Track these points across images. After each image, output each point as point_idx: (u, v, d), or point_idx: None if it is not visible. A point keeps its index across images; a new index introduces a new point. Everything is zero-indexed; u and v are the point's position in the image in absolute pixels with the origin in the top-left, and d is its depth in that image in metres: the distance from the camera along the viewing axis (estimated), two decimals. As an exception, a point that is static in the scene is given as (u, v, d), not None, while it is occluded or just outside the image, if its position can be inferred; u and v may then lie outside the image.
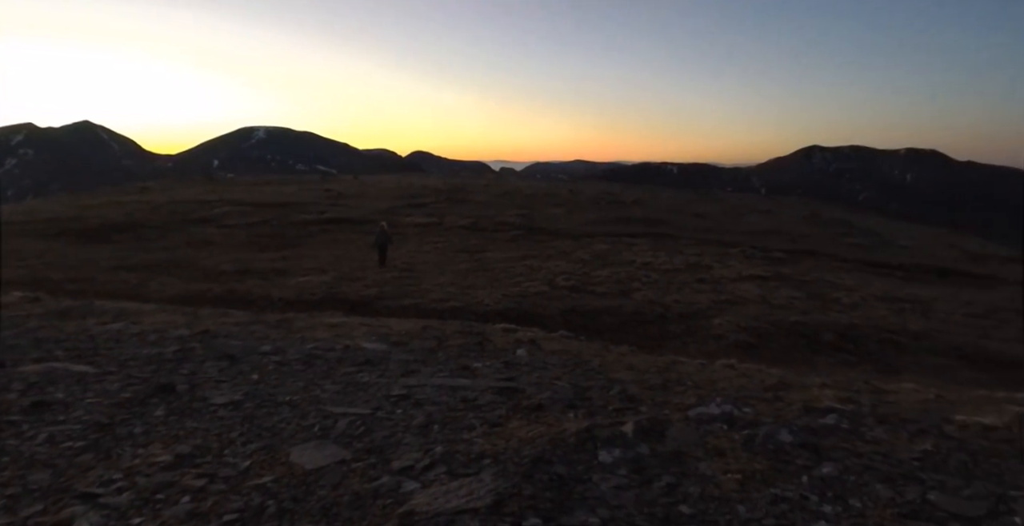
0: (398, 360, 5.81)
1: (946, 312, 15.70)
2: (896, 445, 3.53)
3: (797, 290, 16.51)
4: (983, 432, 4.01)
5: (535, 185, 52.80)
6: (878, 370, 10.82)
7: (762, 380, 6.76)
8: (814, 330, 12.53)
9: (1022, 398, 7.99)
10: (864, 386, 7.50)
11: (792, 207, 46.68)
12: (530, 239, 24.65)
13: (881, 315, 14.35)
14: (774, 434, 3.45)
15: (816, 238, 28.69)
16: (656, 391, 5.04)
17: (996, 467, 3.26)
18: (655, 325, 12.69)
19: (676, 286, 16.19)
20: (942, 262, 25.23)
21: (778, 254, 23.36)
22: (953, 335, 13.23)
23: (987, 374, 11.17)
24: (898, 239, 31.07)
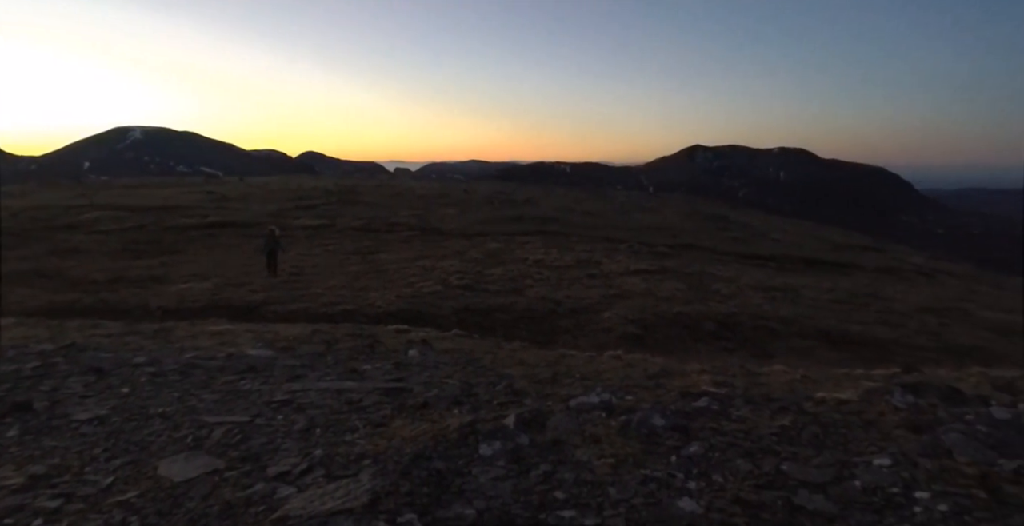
0: (284, 366, 5.67)
1: (813, 298, 16.93)
2: (759, 423, 3.78)
3: (680, 282, 17.30)
4: (837, 406, 4.35)
5: (429, 185, 52.56)
6: (753, 355, 11.53)
7: (645, 369, 7.05)
8: (696, 320, 13.20)
9: (877, 374, 8.74)
10: (739, 370, 7.96)
11: (677, 204, 48.83)
12: (424, 239, 24.53)
13: (756, 303, 15.28)
14: (648, 419, 3.63)
15: (698, 233, 30.21)
16: (544, 384, 5.16)
17: (844, 437, 3.56)
18: (547, 320, 12.96)
19: (567, 282, 16.58)
20: (809, 253, 27.21)
21: (663, 249, 24.40)
22: (819, 319, 14.30)
23: (848, 353, 12.14)
24: (771, 232, 33.18)
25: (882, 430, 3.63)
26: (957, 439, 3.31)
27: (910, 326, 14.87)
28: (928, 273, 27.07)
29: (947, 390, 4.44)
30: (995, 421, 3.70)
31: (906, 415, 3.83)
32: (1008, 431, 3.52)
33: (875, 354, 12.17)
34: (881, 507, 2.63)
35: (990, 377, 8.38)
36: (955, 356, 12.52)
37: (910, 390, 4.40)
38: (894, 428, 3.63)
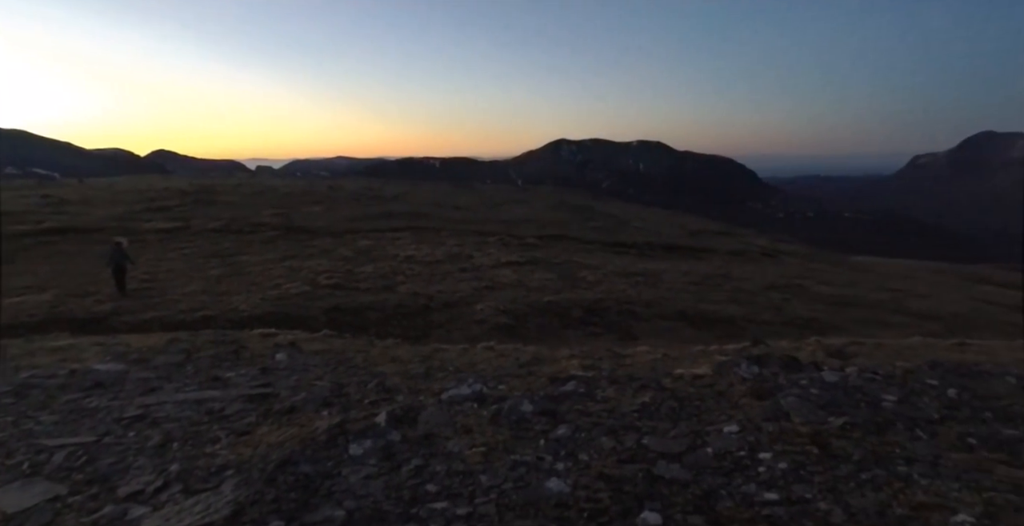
0: (137, 379, 5.29)
1: (672, 281, 17.94)
2: (622, 401, 3.98)
3: (549, 272, 17.77)
4: (693, 381, 4.64)
5: (293, 183, 50.55)
6: (620, 338, 12.07)
7: (517, 358, 7.21)
8: (565, 307, 13.62)
9: (729, 349, 9.40)
10: (606, 353, 8.32)
11: (544, 196, 49.97)
12: (289, 239, 23.60)
13: (620, 289, 15.98)
14: (518, 406, 3.72)
15: (565, 224, 31.15)
16: (417, 379, 5.15)
17: (698, 409, 3.81)
18: (420, 316, 12.89)
19: (439, 277, 16.57)
20: (668, 239, 28.84)
21: (532, 240, 24.94)
22: (678, 301, 15.18)
23: (705, 331, 12.98)
24: (633, 221, 34.79)
25: (731, 400, 3.93)
26: (794, 403, 3.65)
27: (758, 303, 16.11)
28: (771, 254, 29.45)
29: (787, 359, 4.86)
30: (826, 384, 4.11)
31: (752, 384, 4.16)
32: (836, 392, 3.92)
33: (728, 330, 13.09)
34: (730, 470, 2.85)
35: (824, 345, 9.26)
36: (796, 328, 13.73)
37: (755, 362, 4.78)
38: (741, 397, 3.93)
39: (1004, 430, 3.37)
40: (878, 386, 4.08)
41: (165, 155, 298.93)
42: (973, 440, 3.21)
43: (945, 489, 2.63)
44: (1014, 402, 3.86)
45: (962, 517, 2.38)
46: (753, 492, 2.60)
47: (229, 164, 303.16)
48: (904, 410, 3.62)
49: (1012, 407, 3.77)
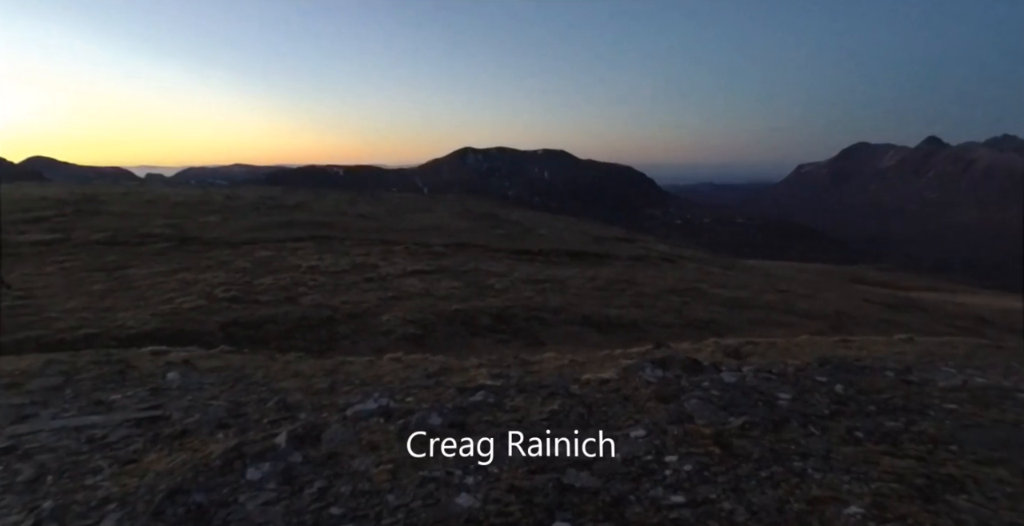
0: (7, 406, 4.83)
1: (577, 287, 18.25)
2: (531, 410, 3.97)
3: (457, 280, 17.69)
4: (600, 386, 4.69)
5: (187, 192, 48.09)
6: (528, 344, 12.14)
7: (425, 368, 7.10)
8: (472, 316, 13.58)
9: (633, 352, 9.62)
10: (514, 361, 8.32)
11: (450, 204, 49.84)
12: (182, 251, 22.41)
13: (527, 296, 16.10)
14: (425, 419, 3.63)
15: (471, 232, 31.17)
16: (321, 395, 4.96)
17: (605, 414, 3.85)
18: (324, 328, 12.51)
19: (344, 287, 16.17)
20: (573, 246, 29.35)
21: (438, 248, 24.77)
22: (583, 306, 15.45)
23: (610, 335, 13.26)
24: (538, 228, 35.22)
25: (637, 404, 3.99)
26: (697, 405, 3.75)
27: (658, 306, 16.62)
28: (671, 259, 30.51)
29: (688, 361, 5.00)
30: (725, 385, 4.25)
31: (656, 388, 4.25)
32: (735, 393, 4.06)
33: (632, 334, 13.42)
34: (638, 475, 2.88)
35: (722, 346, 9.62)
36: (695, 329, 14.25)
37: (659, 365, 4.90)
38: (647, 401, 4.00)
39: (887, 422, 3.58)
40: (773, 385, 4.27)
41: (43, 162, 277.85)
42: (860, 434, 3.39)
43: (837, 482, 2.76)
44: (894, 395, 4.12)
45: (853, 509, 2.50)
46: (660, 496, 2.64)
47: (115, 171, 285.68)
48: (798, 407, 3.79)
49: (893, 400, 4.03)
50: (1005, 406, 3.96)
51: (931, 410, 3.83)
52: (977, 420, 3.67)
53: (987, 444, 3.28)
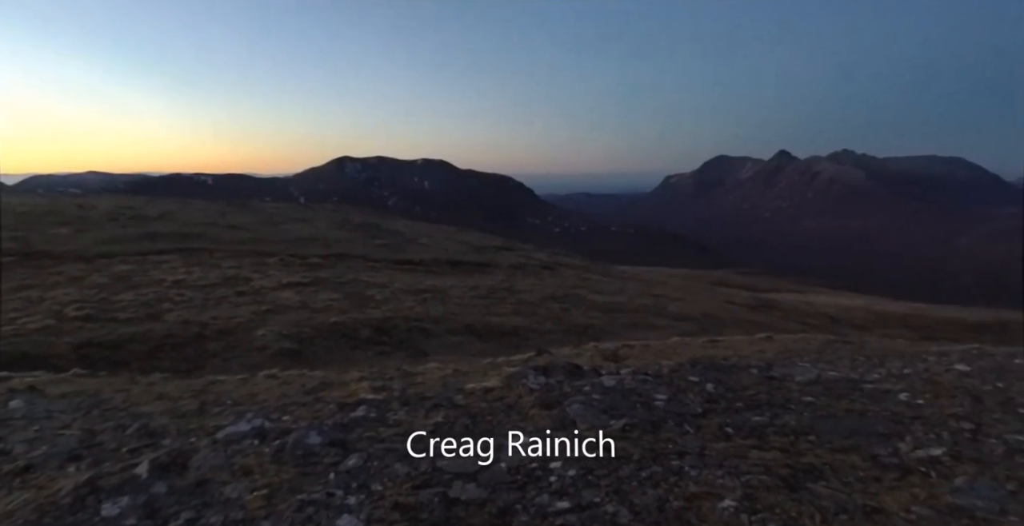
0: None
1: (459, 296, 18.25)
2: (415, 423, 3.89)
3: (335, 292, 17.20)
4: (484, 395, 4.68)
5: (32, 201, 43.83)
6: (410, 355, 11.97)
7: (304, 384, 6.82)
8: (353, 328, 13.23)
9: (516, 360, 9.71)
10: (397, 373, 8.16)
11: (328, 214, 48.47)
12: (27, 266, 20.37)
13: (409, 306, 15.91)
14: (304, 439, 3.47)
15: (349, 242, 30.43)
16: (188, 418, 4.63)
17: (490, 423, 3.84)
18: (192, 346, 11.76)
19: (214, 302, 15.29)
20: (453, 255, 29.35)
21: (315, 259, 24.00)
22: (466, 315, 15.46)
23: (493, 344, 13.33)
24: (419, 238, 34.96)
25: (521, 411, 4.01)
26: (578, 409, 3.82)
27: (540, 313, 16.92)
28: (550, 267, 31.16)
29: (570, 367, 5.10)
30: (605, 389, 4.36)
31: (540, 395, 4.29)
32: (615, 396, 4.17)
33: (514, 341, 13.58)
34: (524, 483, 2.88)
35: (600, 349, 9.90)
36: (575, 335, 14.60)
37: (542, 372, 4.96)
38: (530, 408, 4.03)
39: (753, 417, 3.80)
40: (650, 386, 4.42)
41: None
42: (730, 429, 3.58)
43: (712, 478, 2.88)
44: (759, 391, 4.39)
45: (727, 502, 2.62)
46: (546, 503, 2.65)
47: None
48: (673, 407, 3.95)
49: (758, 396, 4.28)
50: (854, 397, 4.31)
51: (791, 404, 4.11)
52: (831, 411, 3.97)
53: (840, 433, 3.55)
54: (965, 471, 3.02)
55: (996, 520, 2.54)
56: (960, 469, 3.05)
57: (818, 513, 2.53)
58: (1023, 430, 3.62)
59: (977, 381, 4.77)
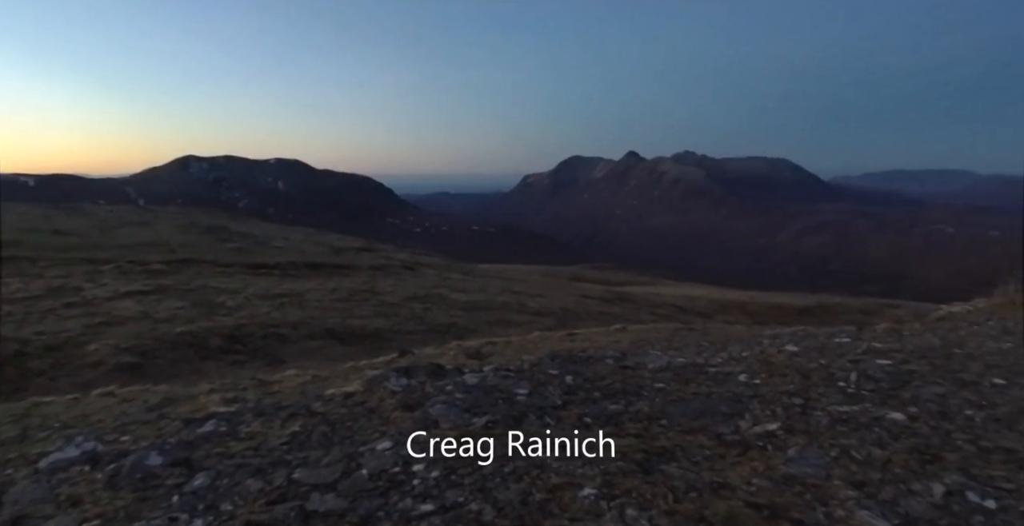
0: None
1: (318, 300, 17.63)
2: (269, 435, 3.69)
3: (181, 300, 16.05)
4: (344, 401, 4.53)
5: None
6: (266, 364, 11.42)
7: (146, 401, 6.31)
8: (202, 337, 12.41)
9: (379, 362, 9.52)
10: (251, 382, 7.75)
11: (171, 217, 45.13)
12: None
13: (264, 312, 15.17)
14: (142, 460, 3.20)
15: (196, 246, 28.50)
16: (8, 446, 4.13)
17: (351, 430, 3.72)
18: (12, 365, 10.52)
19: (37, 316, 13.76)
20: (312, 257, 28.29)
21: (158, 266, 22.26)
22: (325, 319, 14.97)
23: (355, 347, 13.01)
24: (274, 241, 33.40)
25: (383, 415, 3.92)
26: (441, 409, 3.79)
27: (402, 314, 16.72)
28: (411, 267, 30.88)
29: (432, 367, 5.05)
30: (468, 387, 4.36)
31: (401, 397, 4.22)
32: (478, 393, 4.18)
33: (377, 343, 13.32)
34: (386, 489, 2.81)
35: (464, 348, 9.93)
36: (438, 334, 14.57)
37: (404, 373, 4.88)
38: (392, 411, 3.95)
39: (609, 406, 3.95)
40: (512, 382, 4.47)
41: None
42: (588, 419, 3.69)
43: (572, 467, 2.96)
44: (614, 381, 4.56)
45: (587, 490, 2.70)
46: (409, 507, 2.60)
47: None
48: (534, 401, 4.02)
49: (613, 385, 4.45)
50: (700, 380, 4.59)
51: (644, 390, 4.31)
52: (680, 395, 4.20)
53: (689, 415, 3.76)
54: (796, 442, 3.30)
55: (822, 485, 2.79)
56: (792, 441, 3.32)
57: (670, 493, 2.66)
58: (843, 402, 4.02)
59: (804, 360, 5.24)
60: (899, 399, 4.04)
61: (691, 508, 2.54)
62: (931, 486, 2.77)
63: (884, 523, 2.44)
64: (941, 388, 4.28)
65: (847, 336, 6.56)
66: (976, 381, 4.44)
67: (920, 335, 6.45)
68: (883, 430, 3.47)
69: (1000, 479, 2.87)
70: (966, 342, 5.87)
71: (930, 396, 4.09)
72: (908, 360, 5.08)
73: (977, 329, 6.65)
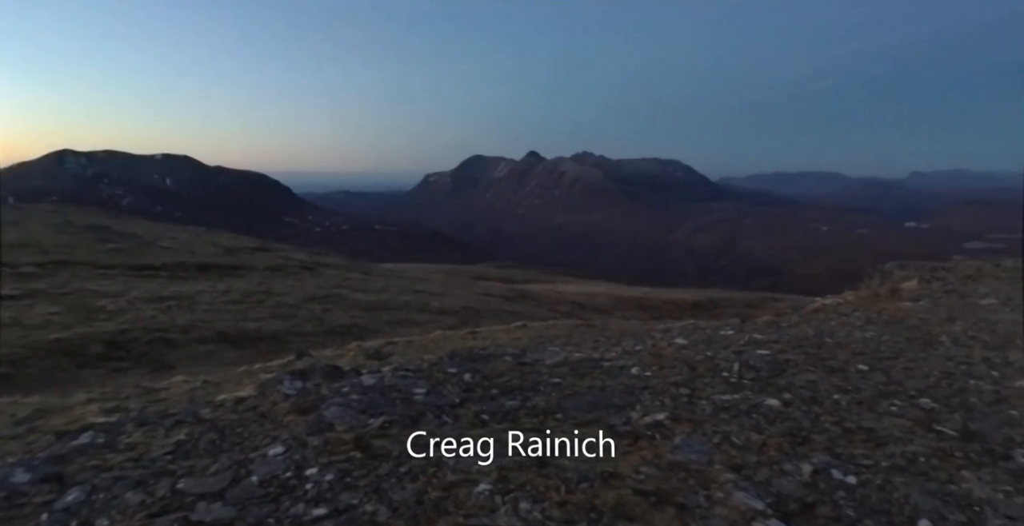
0: None
1: (209, 303, 16.84)
2: (152, 445, 3.51)
3: (56, 305, 14.91)
4: (235, 406, 4.36)
5: None
6: (152, 370, 10.83)
7: (14, 414, 5.88)
8: (79, 344, 11.59)
9: (274, 365, 9.23)
10: (135, 390, 7.35)
11: (44, 215, 41.84)
12: None
13: (150, 316, 14.34)
14: (7, 478, 2.97)
15: (73, 247, 26.48)
16: None
17: (241, 436, 3.58)
18: None
19: None
20: (202, 258, 26.94)
21: (29, 269, 20.56)
22: (217, 322, 14.33)
23: (249, 350, 12.55)
24: (161, 241, 31.59)
25: (275, 419, 3.81)
26: (337, 411, 3.72)
27: (300, 316, 16.26)
28: (310, 267, 30.02)
29: (329, 368, 4.95)
30: (365, 388, 4.31)
31: (296, 400, 4.11)
32: (375, 394, 4.13)
33: (273, 346, 12.90)
34: (277, 495, 2.73)
35: (364, 348, 9.80)
36: (338, 335, 14.28)
37: (298, 376, 4.75)
38: (286, 415, 3.85)
39: (507, 402, 4.00)
40: (410, 382, 4.45)
41: None
42: (486, 416, 3.73)
43: (468, 465, 2.98)
44: (512, 378, 4.63)
45: (483, 486, 2.73)
46: (302, 512, 2.55)
47: None
48: (432, 400, 4.02)
49: (511, 381, 4.52)
50: (595, 375, 4.73)
51: (541, 386, 4.40)
52: (576, 389, 4.31)
53: (583, 408, 3.87)
54: (682, 431, 3.46)
55: (704, 469, 2.95)
56: (679, 429, 3.49)
57: (563, 485, 2.74)
58: (726, 391, 4.25)
59: (692, 352, 5.50)
60: (776, 386, 4.32)
61: (582, 498, 2.62)
62: (800, 466, 2.98)
63: (758, 502, 2.61)
64: (813, 375, 4.60)
65: (732, 329, 6.94)
66: (843, 368, 4.81)
67: (796, 326, 6.90)
68: (760, 416, 3.71)
69: (861, 457, 3.12)
70: (835, 332, 6.34)
71: (803, 383, 4.39)
72: (785, 350, 5.43)
73: (845, 320, 7.19)
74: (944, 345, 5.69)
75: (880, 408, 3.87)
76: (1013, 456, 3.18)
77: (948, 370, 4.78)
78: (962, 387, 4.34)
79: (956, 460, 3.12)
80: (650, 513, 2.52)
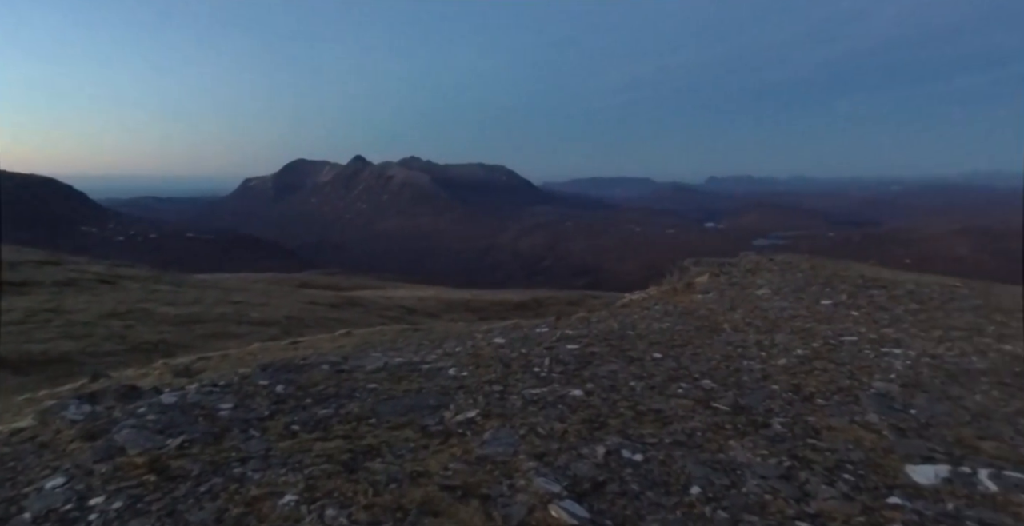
0: None
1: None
2: None
3: None
4: (9, 438, 3.90)
5: None
6: (-94, 407, 9.30)
7: None
8: None
9: (64, 390, 8.32)
10: None
11: None
12: None
13: (-98, 344, 12.29)
14: None
15: None
16: None
17: (14, 470, 3.23)
18: None
19: None
20: (-27, 274, 23.53)
21: None
22: (-7, 347, 12.59)
23: (35, 376, 11.16)
24: (-83, 254, 27.10)
25: (57, 449, 3.47)
26: (129, 434, 3.45)
27: (97, 334, 14.71)
28: (110, 280, 27.21)
29: (125, 389, 4.57)
30: (164, 407, 4.03)
31: (83, 426, 3.76)
32: (175, 413, 3.88)
33: (64, 369, 11.58)
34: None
35: (171, 366, 9.12)
36: (143, 353, 13.11)
37: (87, 400, 4.34)
38: (69, 443, 3.51)
39: (320, 411, 3.93)
40: (216, 397, 4.23)
41: None
42: (296, 427, 3.64)
43: (275, 477, 2.90)
44: (328, 386, 4.55)
45: (288, 497, 2.67)
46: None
47: None
48: (239, 414, 3.85)
49: (326, 390, 4.44)
50: (413, 378, 4.77)
51: (357, 392, 4.36)
52: (392, 393, 4.33)
53: (398, 412, 3.90)
54: (492, 426, 3.60)
55: (510, 461, 3.10)
56: (489, 425, 3.63)
57: (371, 488, 2.75)
58: (536, 385, 4.47)
59: (508, 350, 5.72)
60: (580, 378, 4.61)
61: (390, 499, 2.65)
62: (595, 449, 3.23)
63: (556, 486, 2.79)
64: (614, 365, 4.97)
65: (547, 326, 7.29)
66: (641, 357, 5.24)
67: (605, 321, 7.40)
68: (565, 406, 3.95)
69: (648, 436, 3.44)
70: (637, 324, 6.87)
71: (605, 373, 4.73)
72: (592, 343, 5.81)
73: (647, 313, 7.82)
74: (726, 331, 6.38)
75: (669, 391, 4.27)
76: (771, 424, 3.66)
77: (727, 353, 5.38)
78: (736, 368, 4.91)
79: (726, 432, 3.53)
80: (455, 507, 2.61)
